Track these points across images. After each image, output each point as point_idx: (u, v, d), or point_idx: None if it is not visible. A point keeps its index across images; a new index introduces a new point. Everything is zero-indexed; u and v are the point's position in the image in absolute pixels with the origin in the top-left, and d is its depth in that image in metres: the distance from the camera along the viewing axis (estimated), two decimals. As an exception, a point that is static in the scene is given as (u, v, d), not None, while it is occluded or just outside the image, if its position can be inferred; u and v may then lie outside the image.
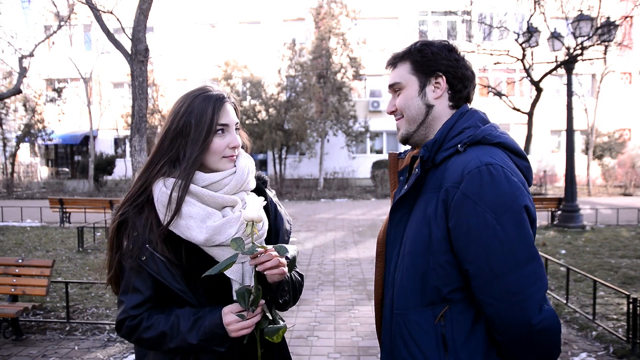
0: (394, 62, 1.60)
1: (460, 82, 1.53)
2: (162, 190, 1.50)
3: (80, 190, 22.49)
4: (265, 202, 1.53)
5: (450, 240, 1.39)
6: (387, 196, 20.41)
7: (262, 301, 1.46)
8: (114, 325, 1.60)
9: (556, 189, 22.48)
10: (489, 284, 1.34)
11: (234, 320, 1.43)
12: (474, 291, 1.38)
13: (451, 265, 1.40)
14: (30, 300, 5.61)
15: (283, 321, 1.52)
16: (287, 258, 1.48)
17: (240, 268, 1.51)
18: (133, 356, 4.43)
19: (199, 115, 1.51)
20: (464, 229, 1.35)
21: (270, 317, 1.48)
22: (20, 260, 5.13)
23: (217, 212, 1.51)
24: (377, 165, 22.94)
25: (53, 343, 4.84)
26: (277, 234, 1.66)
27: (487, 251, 1.33)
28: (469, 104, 1.59)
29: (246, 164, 1.60)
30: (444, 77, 1.52)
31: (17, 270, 5.06)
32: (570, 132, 12.26)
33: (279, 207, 1.71)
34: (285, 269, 1.46)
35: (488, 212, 1.33)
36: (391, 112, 1.61)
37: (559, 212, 12.31)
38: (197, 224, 1.47)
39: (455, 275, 1.40)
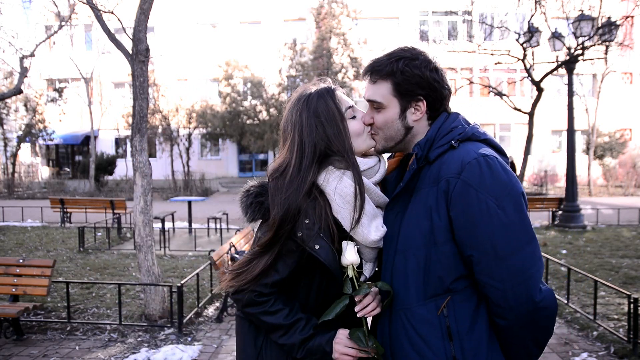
0: (374, 77, 1.57)
1: (439, 102, 1.58)
2: (346, 182, 1.51)
3: (81, 190, 22.50)
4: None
5: (452, 229, 1.43)
6: (388, 196, 20.33)
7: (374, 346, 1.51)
8: (229, 283, 1.57)
9: (557, 189, 22.47)
10: (494, 267, 1.39)
11: (343, 342, 1.50)
12: (478, 276, 1.42)
13: (454, 254, 1.45)
14: (31, 300, 5.61)
15: None
16: (386, 292, 1.54)
17: (358, 258, 1.55)
18: (133, 356, 4.43)
19: (324, 112, 1.56)
20: (467, 216, 1.40)
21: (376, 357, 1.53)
22: (21, 260, 5.14)
23: (379, 212, 1.57)
24: (377, 165, 22.91)
25: (54, 343, 4.84)
26: None
27: (491, 235, 1.39)
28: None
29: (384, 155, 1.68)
30: (424, 100, 1.55)
31: (18, 270, 5.07)
32: (571, 132, 12.25)
33: None
34: (379, 308, 1.54)
35: (490, 198, 1.39)
36: (369, 124, 1.60)
37: (560, 212, 12.30)
38: (367, 221, 1.52)
39: (457, 264, 1.45)
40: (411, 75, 1.52)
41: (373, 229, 1.52)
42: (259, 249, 1.54)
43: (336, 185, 1.51)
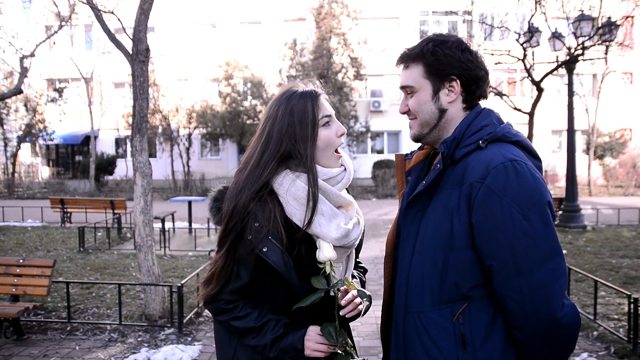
0: (406, 62, 1.55)
1: (475, 83, 1.52)
2: (299, 185, 1.53)
3: (81, 190, 22.51)
4: None
5: (473, 235, 1.38)
6: (388, 196, 20.40)
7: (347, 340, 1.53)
8: (204, 294, 1.63)
9: (557, 188, 22.45)
10: (514, 279, 1.33)
11: (314, 339, 1.51)
12: (497, 287, 1.37)
13: (471, 261, 1.39)
14: (31, 300, 5.61)
15: (357, 356, 1.57)
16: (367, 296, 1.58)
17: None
18: (134, 356, 4.43)
19: (300, 113, 1.56)
20: (489, 223, 1.34)
21: (352, 354, 1.54)
22: (21, 260, 5.14)
23: (340, 212, 1.58)
24: (378, 165, 22.91)
25: (54, 343, 4.84)
26: None
27: (512, 246, 1.32)
28: (484, 101, 1.59)
29: (351, 163, 1.68)
30: (458, 80, 1.50)
31: (18, 270, 5.07)
32: (571, 132, 12.25)
33: None
34: (362, 308, 1.55)
35: (514, 207, 1.32)
36: (404, 112, 1.59)
37: (560, 212, 12.30)
38: (326, 221, 1.53)
39: (476, 272, 1.40)
40: (442, 55, 1.48)
41: (333, 227, 1.53)
42: (217, 247, 1.59)
43: (288, 187, 1.53)
